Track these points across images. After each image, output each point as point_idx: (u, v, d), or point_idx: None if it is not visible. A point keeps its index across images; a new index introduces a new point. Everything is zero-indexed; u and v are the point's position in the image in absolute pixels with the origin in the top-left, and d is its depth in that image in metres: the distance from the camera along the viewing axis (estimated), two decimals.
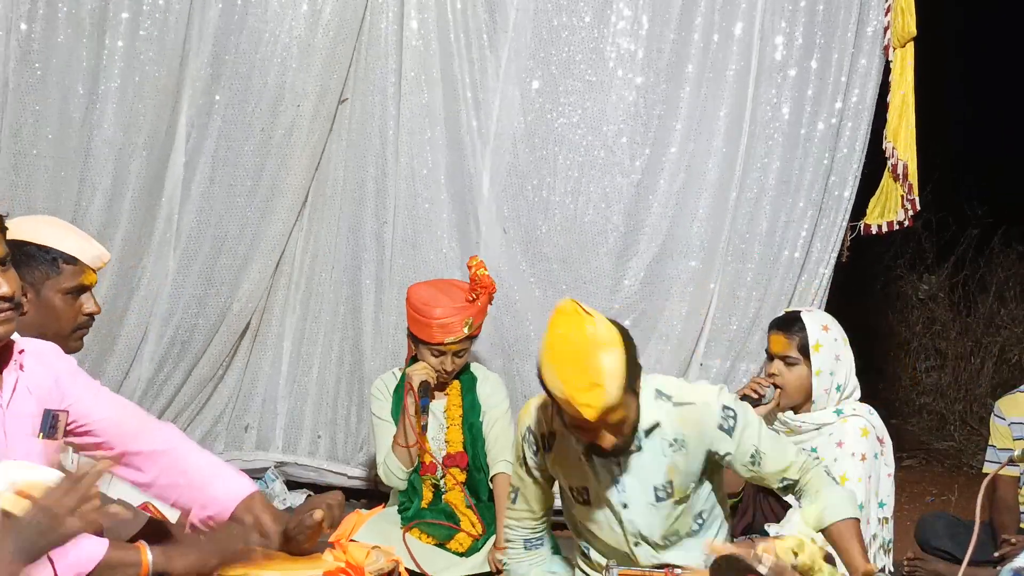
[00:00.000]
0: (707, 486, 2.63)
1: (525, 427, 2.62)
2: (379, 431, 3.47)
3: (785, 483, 2.56)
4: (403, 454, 3.36)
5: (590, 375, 2.22)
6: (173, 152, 4.09)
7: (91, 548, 1.91)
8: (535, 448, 2.60)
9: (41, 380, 2.07)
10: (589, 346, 2.24)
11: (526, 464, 2.63)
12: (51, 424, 2.07)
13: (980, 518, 1.27)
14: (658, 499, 2.53)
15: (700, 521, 2.63)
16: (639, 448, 2.49)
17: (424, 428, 3.35)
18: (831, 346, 3.10)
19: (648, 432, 2.48)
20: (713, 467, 2.60)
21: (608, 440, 2.33)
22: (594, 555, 2.69)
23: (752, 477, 2.60)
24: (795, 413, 3.13)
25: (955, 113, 7.45)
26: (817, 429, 3.10)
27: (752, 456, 2.52)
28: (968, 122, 7.66)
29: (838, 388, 3.10)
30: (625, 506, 2.53)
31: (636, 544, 2.58)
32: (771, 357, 3.16)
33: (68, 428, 2.11)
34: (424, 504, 3.43)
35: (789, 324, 3.16)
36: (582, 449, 2.47)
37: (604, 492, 2.53)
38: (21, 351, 2.04)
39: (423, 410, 3.33)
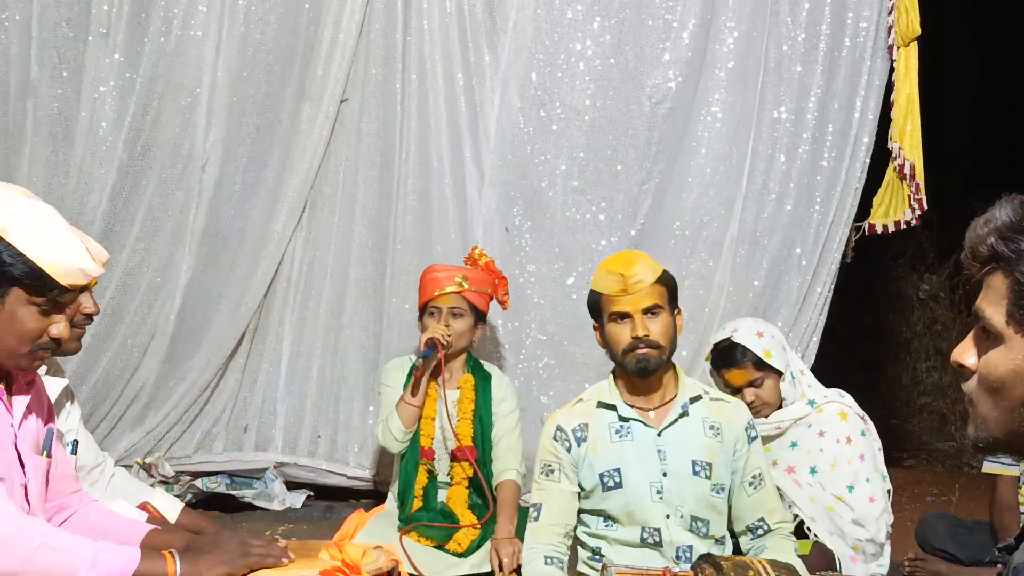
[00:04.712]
0: (724, 516, 2.70)
1: (554, 429, 2.72)
2: (385, 396, 3.50)
3: (760, 525, 2.67)
4: (407, 411, 3.36)
5: (630, 256, 2.68)
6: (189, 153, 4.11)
7: (125, 558, 1.89)
8: (568, 445, 2.69)
9: (41, 399, 2.11)
10: (633, 251, 2.77)
11: (553, 471, 2.70)
12: (52, 442, 2.07)
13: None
14: (695, 472, 2.63)
15: (720, 546, 2.70)
16: (685, 414, 2.65)
17: (420, 379, 3.32)
18: (774, 345, 3.21)
19: (693, 400, 2.69)
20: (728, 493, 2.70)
21: (654, 332, 2.57)
22: (609, 551, 2.69)
23: (736, 509, 2.69)
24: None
25: (956, 105, 7.41)
26: (795, 422, 3.21)
27: (755, 477, 2.69)
28: (971, 111, 7.62)
29: (793, 376, 3.23)
30: (665, 475, 2.63)
31: (668, 516, 2.62)
32: (736, 390, 3.18)
33: None
34: (417, 503, 3.43)
35: (732, 355, 3.20)
36: (632, 367, 2.59)
37: (645, 464, 2.62)
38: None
39: (422, 355, 3.31)
